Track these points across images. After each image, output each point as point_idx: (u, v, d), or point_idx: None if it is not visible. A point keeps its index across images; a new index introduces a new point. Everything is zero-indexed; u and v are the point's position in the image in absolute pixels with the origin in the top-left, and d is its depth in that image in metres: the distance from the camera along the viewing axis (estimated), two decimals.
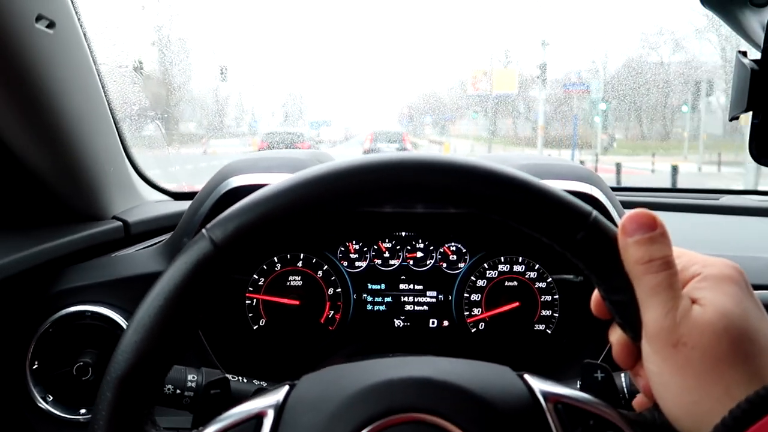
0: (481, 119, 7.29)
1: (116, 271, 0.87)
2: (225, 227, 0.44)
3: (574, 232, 0.44)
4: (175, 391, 0.70)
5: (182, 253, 0.45)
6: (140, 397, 0.45)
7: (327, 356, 0.99)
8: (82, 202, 0.93)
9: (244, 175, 0.85)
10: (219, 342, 0.88)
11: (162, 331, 0.44)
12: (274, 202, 0.44)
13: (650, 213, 0.43)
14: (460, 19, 7.83)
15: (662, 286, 0.41)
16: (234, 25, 5.70)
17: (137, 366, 0.44)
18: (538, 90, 5.56)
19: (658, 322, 0.41)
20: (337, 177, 0.45)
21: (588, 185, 0.84)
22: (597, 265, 0.44)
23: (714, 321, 0.39)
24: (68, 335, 0.83)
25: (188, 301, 0.44)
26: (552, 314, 1.00)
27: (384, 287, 1.02)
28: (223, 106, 4.26)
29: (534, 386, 0.49)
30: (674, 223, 1.28)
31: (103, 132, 0.95)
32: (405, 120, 7.24)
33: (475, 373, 0.50)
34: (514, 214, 0.45)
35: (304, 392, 0.50)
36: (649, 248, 0.42)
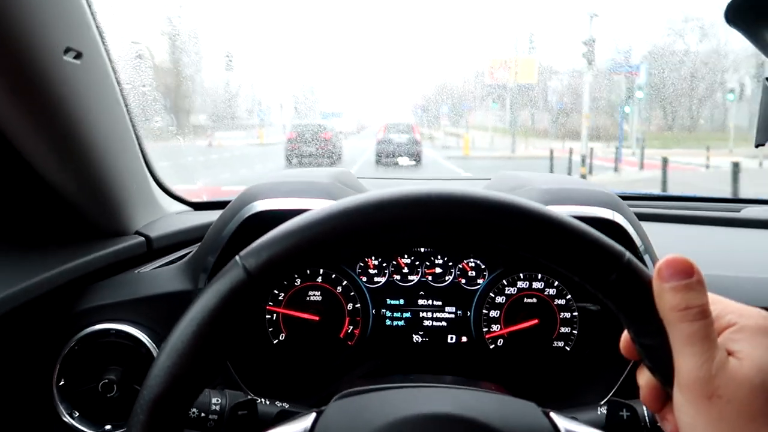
0: (498, 109, 7.20)
1: (140, 290, 0.88)
2: (258, 256, 0.45)
3: (607, 274, 0.44)
4: (200, 414, 0.71)
5: (216, 280, 0.46)
6: (172, 419, 0.46)
7: (346, 372, 1.00)
8: (106, 218, 0.95)
9: (267, 199, 0.86)
10: (240, 358, 0.90)
11: (194, 357, 0.45)
12: (308, 233, 0.45)
13: (687, 259, 0.43)
14: (476, 6, 7.84)
15: (698, 335, 0.41)
16: (244, 17, 5.71)
17: (170, 389, 0.45)
18: (584, 70, 5.21)
19: (693, 373, 0.40)
20: (374, 209, 0.45)
21: (610, 210, 0.83)
22: (628, 307, 0.44)
23: (751, 375, 0.39)
24: (93, 353, 0.84)
25: (220, 327, 0.45)
26: (571, 331, 1.00)
27: (403, 303, 1.03)
28: (233, 97, 4.25)
29: (560, 425, 0.49)
30: (692, 238, 1.27)
31: (127, 149, 0.96)
32: (419, 111, 7.14)
33: (501, 409, 0.51)
34: (547, 253, 0.45)
35: (332, 421, 0.51)
36: (686, 295, 0.42)
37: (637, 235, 0.85)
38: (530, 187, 0.91)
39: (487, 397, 0.55)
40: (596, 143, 7.44)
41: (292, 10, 6.73)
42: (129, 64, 0.92)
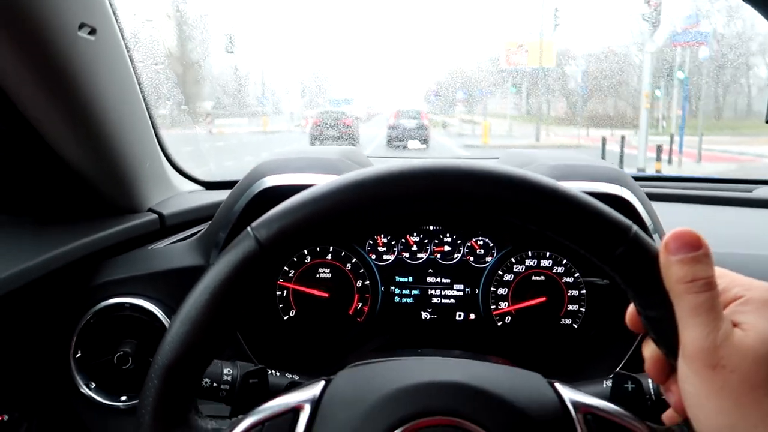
0: (514, 96, 6.92)
1: (154, 265, 0.90)
2: (269, 227, 0.46)
3: (614, 247, 0.44)
4: (212, 384, 0.72)
5: (228, 250, 0.47)
6: (185, 385, 0.47)
7: (355, 348, 1.02)
8: (121, 195, 0.96)
9: (278, 175, 0.87)
10: (251, 333, 0.91)
11: (207, 324, 0.46)
12: (318, 205, 0.46)
13: (695, 232, 0.43)
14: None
15: (704, 307, 0.41)
16: (253, 2, 5.63)
17: (183, 356, 0.46)
18: (644, 41, 4.71)
19: (698, 343, 0.41)
20: (383, 181, 0.46)
21: (617, 186, 0.84)
22: (635, 280, 0.45)
23: (756, 346, 0.40)
24: (109, 326, 0.86)
25: (232, 296, 0.46)
26: (579, 309, 1.00)
27: (411, 280, 1.04)
28: (240, 84, 4.21)
29: (564, 395, 0.50)
30: (702, 217, 1.26)
31: (140, 128, 0.97)
32: (432, 97, 6.98)
33: (508, 379, 0.52)
34: (554, 226, 0.45)
35: (341, 389, 0.52)
36: (692, 268, 0.42)
37: (646, 213, 0.85)
38: (539, 164, 0.91)
39: (494, 367, 0.56)
40: (623, 130, 7.01)
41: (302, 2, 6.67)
42: (142, 42, 0.92)
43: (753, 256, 0.92)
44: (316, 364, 0.96)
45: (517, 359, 0.94)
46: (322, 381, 0.54)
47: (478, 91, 6.79)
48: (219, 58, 3.64)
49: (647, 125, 4.93)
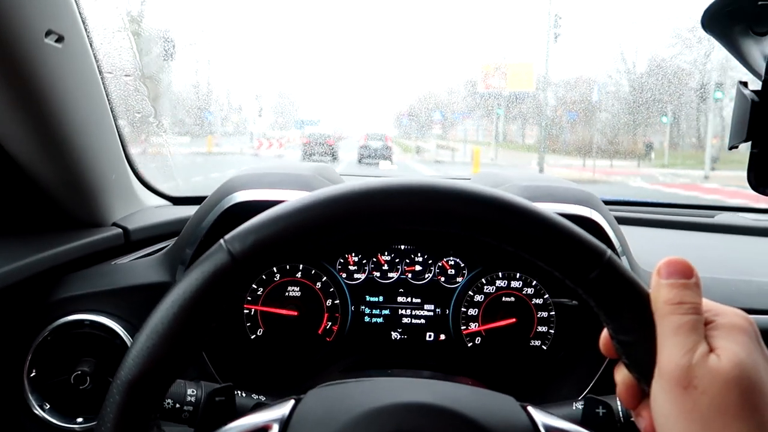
0: (487, 122, 6.61)
1: (116, 280, 0.87)
2: (244, 241, 0.44)
3: (588, 271, 0.44)
4: (175, 405, 0.70)
5: (199, 263, 0.45)
6: (149, 402, 0.45)
7: (324, 368, 1.00)
8: (84, 208, 0.93)
9: (249, 190, 0.85)
10: (216, 352, 0.89)
11: (174, 339, 0.44)
12: (294, 219, 0.45)
13: (687, 262, 0.44)
14: (464, 12, 7.40)
15: (685, 327, 0.42)
16: (216, 18, 5.52)
17: (149, 371, 0.44)
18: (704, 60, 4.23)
19: (674, 362, 0.41)
20: (359, 197, 0.45)
21: (586, 208, 0.85)
22: (608, 304, 0.45)
23: (727, 369, 0.40)
24: (66, 344, 0.83)
25: (202, 310, 0.45)
26: (548, 331, 1.01)
27: (382, 300, 1.03)
28: (201, 102, 4.08)
29: (537, 419, 0.50)
30: (667, 241, 1.29)
31: (106, 139, 0.95)
32: (403, 120, 6.89)
33: (480, 401, 0.51)
34: (529, 248, 0.45)
35: (310, 409, 0.51)
36: (681, 292, 0.43)
37: (615, 236, 0.86)
38: (511, 184, 0.92)
39: (466, 389, 0.55)
40: (623, 161, 6.74)
41: (266, 14, 6.56)
42: (112, 52, 0.91)
43: (715, 280, 0.94)
44: (284, 384, 0.94)
45: (486, 380, 0.94)
46: (292, 400, 0.53)
47: (454, 115, 6.57)
48: (181, 74, 3.56)
49: (710, 161, 4.47)
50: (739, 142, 0.68)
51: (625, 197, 1.39)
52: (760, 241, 1.29)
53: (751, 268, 1.06)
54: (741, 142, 0.67)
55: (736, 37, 0.74)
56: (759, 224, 1.33)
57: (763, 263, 1.15)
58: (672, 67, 4.63)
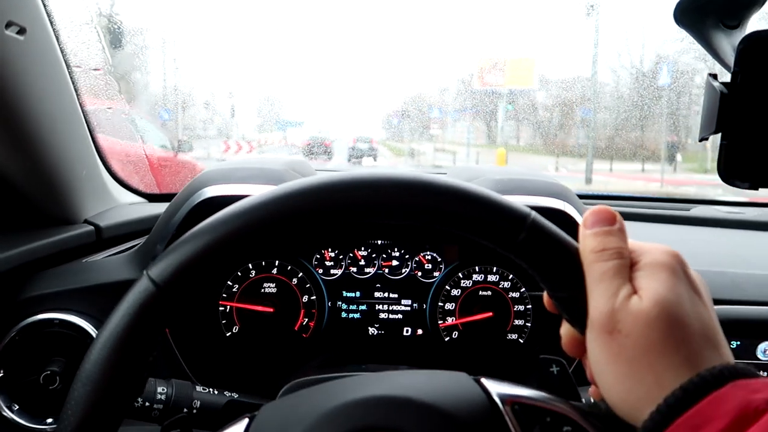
0: (481, 124, 6.08)
1: (87, 278, 0.86)
2: (165, 267, 0.43)
3: (515, 235, 0.45)
4: (144, 404, 0.69)
5: (124, 298, 0.44)
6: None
7: (300, 364, 0.99)
8: (53, 205, 0.92)
9: (219, 185, 0.84)
10: (191, 350, 0.88)
11: (110, 381, 0.43)
12: (216, 233, 0.44)
13: (611, 210, 0.45)
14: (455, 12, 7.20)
15: (609, 273, 0.43)
16: (194, 17, 5.36)
17: (89, 419, 0.43)
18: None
19: (599, 308, 0.42)
20: (272, 202, 0.45)
21: (560, 201, 0.85)
22: (539, 264, 0.46)
23: (647, 309, 0.40)
24: (36, 343, 0.81)
25: (135, 345, 0.44)
26: (525, 324, 1.01)
27: (359, 295, 1.02)
28: (179, 103, 3.91)
29: (491, 389, 0.49)
30: (643, 234, 1.30)
31: (76, 134, 0.93)
32: (394, 121, 6.60)
33: (433, 384, 0.50)
34: (456, 223, 0.46)
35: (264, 424, 0.50)
36: (605, 239, 0.44)
37: None
38: (484, 178, 0.92)
39: (418, 374, 0.55)
40: (648, 164, 5.85)
41: (244, 11, 6.39)
42: (80, 46, 0.89)
43: None
44: (259, 381, 0.93)
45: None
46: (246, 419, 0.52)
47: (451, 113, 6.03)
48: (158, 75, 3.49)
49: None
50: (709, 134, 0.69)
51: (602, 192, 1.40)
52: (734, 234, 1.30)
53: (724, 260, 1.07)
54: (711, 133, 0.67)
55: (707, 30, 0.75)
56: (733, 217, 1.35)
57: (736, 255, 1.16)
58: None
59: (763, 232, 1.30)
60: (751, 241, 1.27)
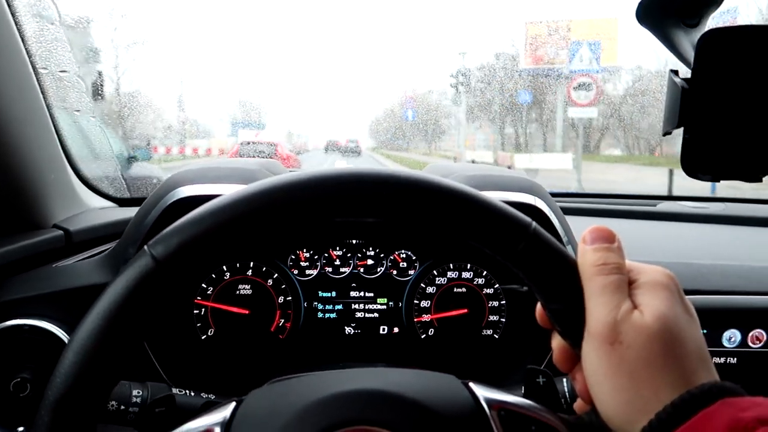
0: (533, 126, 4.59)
1: (57, 283, 0.84)
2: (167, 243, 0.44)
3: (516, 243, 0.45)
4: (119, 407, 0.68)
5: (123, 271, 0.44)
6: (80, 420, 0.44)
7: (277, 366, 0.99)
8: (21, 210, 0.90)
9: (191, 185, 0.84)
10: (165, 353, 0.87)
11: (102, 353, 0.43)
12: (218, 217, 0.44)
13: (610, 229, 0.47)
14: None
15: (610, 287, 0.44)
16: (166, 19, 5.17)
17: (77, 389, 0.43)
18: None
19: (601, 320, 0.43)
20: (282, 190, 0.45)
21: (531, 196, 0.87)
22: (537, 274, 0.46)
23: (650, 323, 0.42)
24: (5, 350, 0.79)
25: (129, 319, 0.44)
26: (499, 320, 1.02)
27: (335, 295, 1.03)
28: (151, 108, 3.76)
29: (478, 394, 0.50)
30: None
31: (42, 137, 0.91)
32: (410, 116, 5.42)
33: (422, 383, 0.51)
34: (457, 227, 0.46)
35: (252, 408, 0.50)
36: (605, 254, 0.46)
37: (559, 223, 0.88)
38: (458, 174, 0.93)
39: (408, 373, 0.56)
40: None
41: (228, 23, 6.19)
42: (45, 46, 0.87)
43: (657, 264, 0.98)
44: (236, 383, 0.92)
45: (439, 371, 0.94)
46: (233, 402, 0.52)
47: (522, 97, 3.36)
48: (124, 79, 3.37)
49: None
50: (671, 128, 0.71)
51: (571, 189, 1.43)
52: (699, 227, 1.34)
53: (689, 252, 1.11)
54: (673, 128, 0.69)
55: (669, 28, 0.77)
56: (698, 211, 1.39)
57: (701, 247, 1.20)
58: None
59: (726, 226, 1.35)
60: (715, 234, 1.31)
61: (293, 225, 0.45)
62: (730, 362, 0.85)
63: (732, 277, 0.95)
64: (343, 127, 6.62)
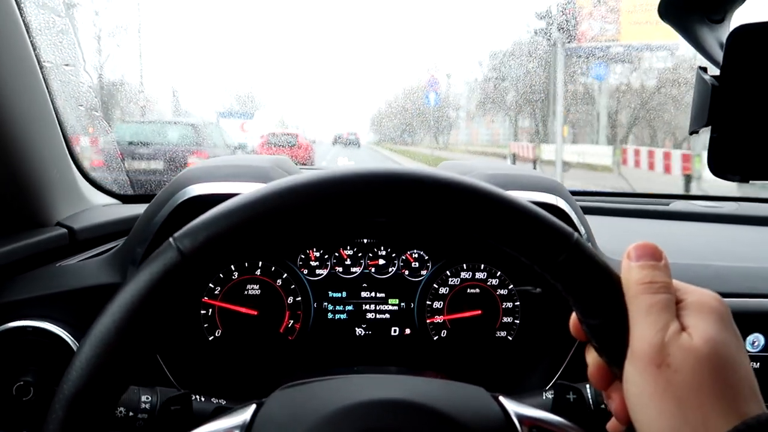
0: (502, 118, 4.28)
1: (62, 283, 0.82)
2: (195, 237, 0.42)
3: (556, 255, 0.43)
4: (128, 413, 0.66)
5: (148, 263, 0.42)
6: (95, 417, 0.42)
7: (286, 368, 0.97)
8: (24, 207, 0.87)
9: (204, 183, 0.81)
10: (173, 355, 0.84)
11: (122, 347, 0.41)
12: (246, 213, 0.42)
13: (657, 246, 0.45)
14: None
15: (658, 306, 0.42)
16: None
17: (93, 384, 0.41)
18: None
19: (647, 341, 0.41)
20: (313, 187, 0.43)
21: (553, 196, 0.84)
22: (576, 288, 0.44)
23: (699, 347, 0.40)
24: (8, 353, 0.77)
25: (151, 314, 0.42)
26: (513, 321, 1.00)
27: (345, 295, 1.00)
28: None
29: (509, 409, 0.49)
30: (626, 229, 1.31)
31: (46, 133, 0.89)
32: (432, 100, 4.84)
33: (451, 395, 0.50)
34: (496, 234, 0.44)
35: (274, 412, 0.49)
36: (652, 272, 0.43)
37: (581, 223, 0.86)
38: (478, 172, 0.91)
39: (435, 383, 0.54)
40: None
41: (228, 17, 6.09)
42: (50, 40, 0.85)
43: (675, 265, 0.95)
44: (245, 386, 0.90)
45: (453, 373, 0.93)
46: (254, 405, 0.51)
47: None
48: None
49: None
50: (699, 127, 0.69)
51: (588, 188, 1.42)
52: (711, 227, 1.32)
53: (704, 252, 1.09)
54: (701, 126, 0.67)
55: (692, 25, 0.75)
56: (710, 211, 1.37)
57: (716, 247, 1.18)
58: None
59: (741, 226, 1.33)
60: (730, 233, 1.29)
61: (324, 222, 0.44)
62: (753, 367, 0.83)
63: (753, 278, 0.93)
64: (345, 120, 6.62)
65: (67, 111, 0.96)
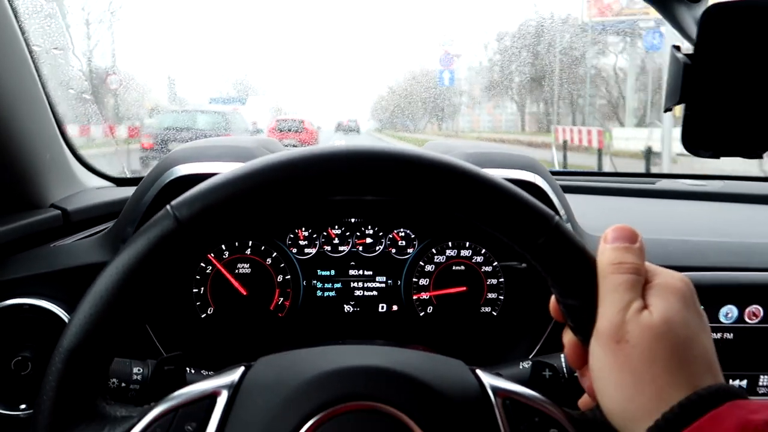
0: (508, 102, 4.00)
1: (56, 262, 0.84)
2: (191, 206, 0.44)
3: (536, 237, 0.45)
4: (120, 384, 0.69)
5: (145, 229, 0.44)
6: (92, 370, 0.45)
7: (276, 344, 0.99)
8: (17, 189, 0.89)
9: (189, 164, 0.83)
10: (165, 332, 0.87)
11: (117, 305, 0.44)
12: (241, 184, 0.44)
13: (633, 229, 0.47)
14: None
15: (624, 286, 0.44)
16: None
17: (91, 338, 0.43)
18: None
19: (609, 318, 0.43)
20: (311, 162, 0.45)
21: (530, 173, 0.86)
22: (556, 269, 0.46)
23: (657, 324, 0.42)
24: (5, 329, 0.80)
25: (147, 277, 0.44)
26: (498, 297, 1.03)
27: (334, 273, 1.03)
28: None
29: (485, 381, 0.51)
30: (610, 207, 1.33)
31: (37, 116, 0.91)
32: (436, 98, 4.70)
33: (430, 366, 0.52)
34: (478, 214, 0.46)
35: (260, 374, 0.51)
36: (624, 254, 0.45)
37: (558, 201, 0.88)
38: (458, 151, 0.93)
39: (417, 354, 0.56)
40: None
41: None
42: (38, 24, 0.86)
43: (654, 241, 0.98)
44: (236, 361, 0.93)
45: (438, 348, 0.95)
46: (242, 366, 0.53)
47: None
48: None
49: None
50: (673, 104, 0.70)
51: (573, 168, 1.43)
52: (696, 205, 1.34)
53: (687, 229, 1.11)
54: (675, 104, 0.69)
55: (671, 3, 0.76)
56: (695, 189, 1.39)
57: (700, 225, 1.20)
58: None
59: (725, 203, 1.35)
60: (714, 211, 1.31)
61: (319, 197, 0.46)
62: (726, 338, 0.85)
63: (729, 253, 0.95)
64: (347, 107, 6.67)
65: (58, 95, 0.97)
